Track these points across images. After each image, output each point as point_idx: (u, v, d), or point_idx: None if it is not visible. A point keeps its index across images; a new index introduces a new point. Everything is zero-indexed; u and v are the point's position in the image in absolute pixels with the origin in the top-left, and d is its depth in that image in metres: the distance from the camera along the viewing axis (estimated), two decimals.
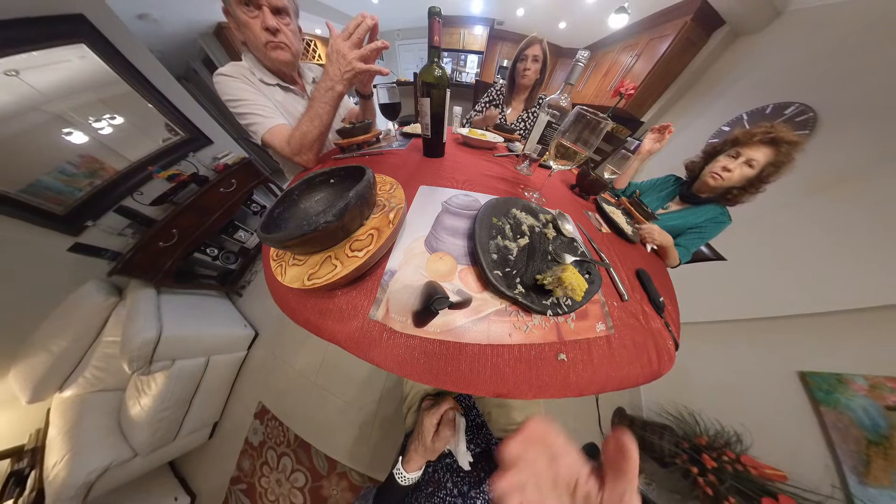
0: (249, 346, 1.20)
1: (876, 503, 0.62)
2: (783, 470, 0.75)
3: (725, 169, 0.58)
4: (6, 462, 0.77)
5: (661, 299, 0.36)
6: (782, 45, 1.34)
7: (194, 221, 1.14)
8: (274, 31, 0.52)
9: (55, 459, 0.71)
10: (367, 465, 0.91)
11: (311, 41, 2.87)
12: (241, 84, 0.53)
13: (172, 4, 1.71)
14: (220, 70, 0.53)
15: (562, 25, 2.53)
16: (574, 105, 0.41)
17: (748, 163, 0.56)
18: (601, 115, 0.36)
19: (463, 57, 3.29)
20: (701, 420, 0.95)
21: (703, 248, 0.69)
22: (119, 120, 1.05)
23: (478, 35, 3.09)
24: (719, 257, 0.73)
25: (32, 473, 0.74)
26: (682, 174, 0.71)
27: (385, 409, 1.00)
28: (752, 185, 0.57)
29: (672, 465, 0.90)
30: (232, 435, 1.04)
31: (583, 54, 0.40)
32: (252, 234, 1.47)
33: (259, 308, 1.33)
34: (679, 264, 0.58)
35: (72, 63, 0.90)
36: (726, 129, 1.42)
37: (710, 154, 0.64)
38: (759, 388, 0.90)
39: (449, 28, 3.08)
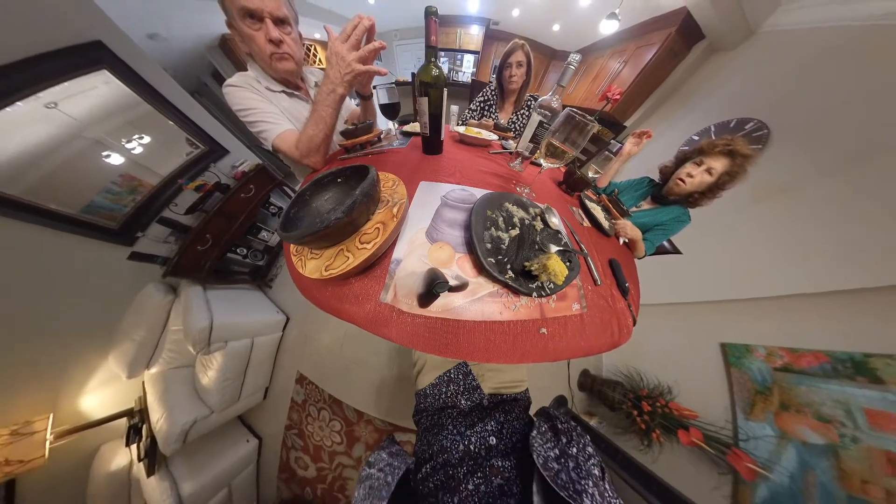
0: (283, 328, 1.27)
1: (752, 431, 0.78)
2: (696, 411, 0.89)
3: (689, 175, 0.59)
4: (124, 420, 0.91)
5: (627, 285, 0.37)
6: (750, 64, 1.32)
7: (223, 226, 1.16)
8: (277, 43, 0.47)
9: (157, 417, 0.86)
10: (386, 413, 1.04)
11: (311, 46, 2.57)
12: (248, 93, 0.50)
13: (177, 21, 1.54)
14: (228, 81, 0.49)
15: (555, 28, 2.31)
16: (564, 107, 0.38)
17: (708, 171, 0.57)
18: (588, 117, 0.34)
19: (459, 57, 2.99)
20: (644, 377, 1.07)
21: (665, 243, 0.70)
22: (147, 139, 1.04)
23: (474, 35, 2.79)
24: (677, 251, 0.76)
25: (144, 427, 0.88)
26: (657, 177, 0.71)
27: (398, 373, 1.08)
28: (710, 191, 0.58)
29: (619, 409, 1.04)
30: (281, 395, 1.17)
31: (574, 57, 0.36)
32: (273, 233, 1.44)
33: (287, 296, 1.36)
34: (644, 256, 0.59)
35: (99, 89, 0.89)
36: (696, 138, 1.41)
37: (681, 160, 0.64)
38: (690, 354, 1.02)
39: (445, 28, 2.77)
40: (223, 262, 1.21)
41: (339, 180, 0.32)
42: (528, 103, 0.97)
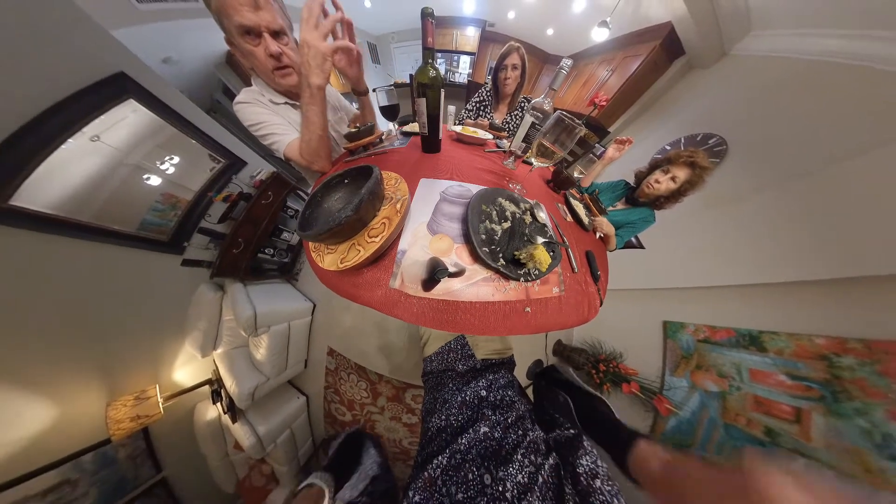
0: (312, 313, 1.35)
1: (673, 384, 0.93)
2: (637, 370, 1.03)
3: (657, 181, 0.59)
4: (207, 387, 1.05)
5: (599, 273, 0.37)
6: (720, 84, 1.30)
7: (251, 230, 1.18)
8: (278, 56, 0.42)
9: (230, 383, 0.99)
10: (401, 375, 1.15)
11: None
12: (256, 108, 0.46)
13: (185, 42, 1.37)
14: (237, 99, 0.46)
15: (549, 32, 2.07)
16: (555, 110, 0.35)
17: (673, 178, 0.57)
18: (577, 121, 0.31)
19: (456, 58, 2.68)
20: (603, 346, 1.18)
21: (633, 239, 0.71)
22: (176, 159, 1.02)
23: (470, 36, 2.49)
24: (641, 246, 0.77)
25: (222, 391, 1.01)
26: (632, 180, 0.70)
27: (409, 343, 1.16)
28: (673, 196, 0.59)
29: (582, 369, 1.17)
30: (317, 365, 1.28)
31: (566, 62, 0.33)
32: (293, 233, 1.43)
33: (312, 287, 1.41)
34: (615, 249, 0.60)
35: (129, 118, 0.87)
36: (668, 147, 1.38)
37: (653, 167, 0.63)
38: (639, 328, 1.13)
39: (442, 29, 2.44)
40: (255, 261, 1.24)
41: (346, 181, 0.30)
42: (522, 105, 0.90)
